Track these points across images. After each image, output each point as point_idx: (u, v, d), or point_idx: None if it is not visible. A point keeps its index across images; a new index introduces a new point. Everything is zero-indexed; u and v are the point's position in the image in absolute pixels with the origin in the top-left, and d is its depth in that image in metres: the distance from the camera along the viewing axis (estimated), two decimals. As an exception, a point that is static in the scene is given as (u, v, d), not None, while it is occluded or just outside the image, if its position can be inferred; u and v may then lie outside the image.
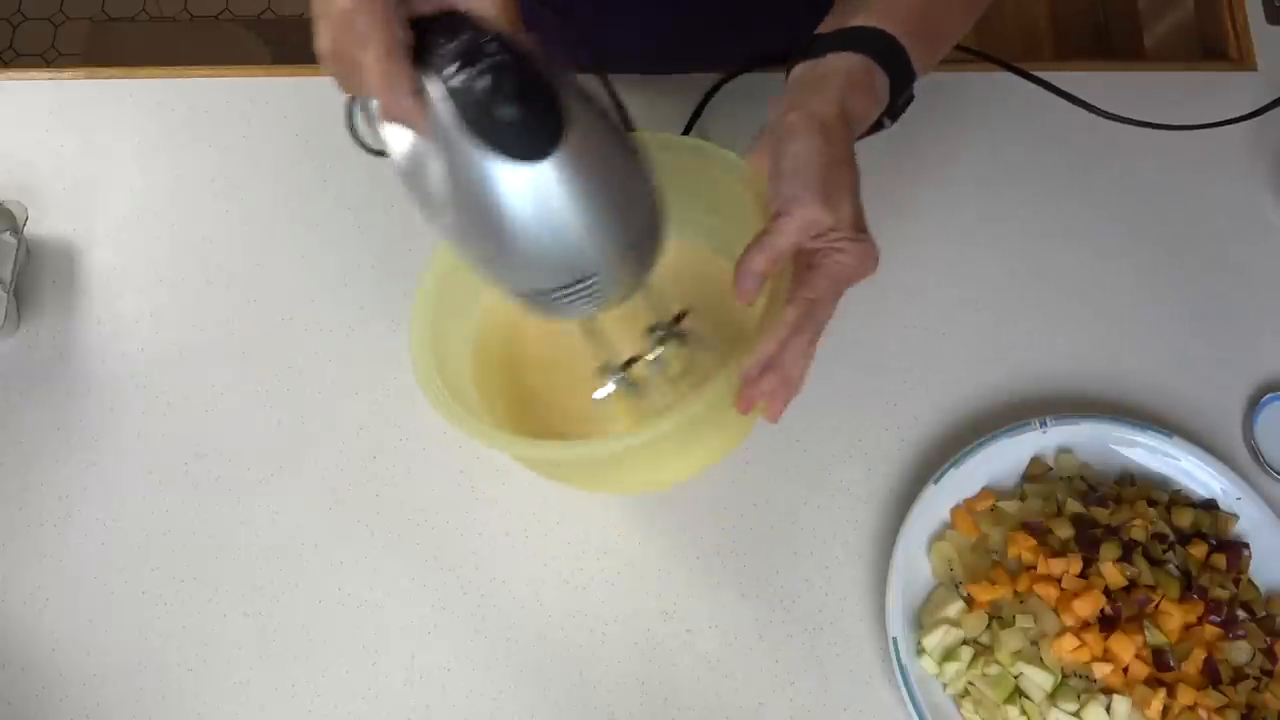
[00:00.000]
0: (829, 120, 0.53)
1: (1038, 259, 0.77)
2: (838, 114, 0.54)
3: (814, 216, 0.51)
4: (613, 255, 0.43)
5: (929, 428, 0.72)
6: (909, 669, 0.63)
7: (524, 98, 0.39)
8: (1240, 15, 0.85)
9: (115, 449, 0.71)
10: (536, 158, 0.40)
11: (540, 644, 0.67)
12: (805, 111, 0.53)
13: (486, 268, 0.45)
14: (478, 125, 0.39)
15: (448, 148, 0.41)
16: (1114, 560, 0.63)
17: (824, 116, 0.53)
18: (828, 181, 0.52)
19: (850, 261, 0.52)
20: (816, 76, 0.55)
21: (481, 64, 0.39)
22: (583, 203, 0.41)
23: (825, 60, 0.56)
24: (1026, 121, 0.81)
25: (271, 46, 1.88)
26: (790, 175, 0.52)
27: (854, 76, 0.55)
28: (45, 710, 0.65)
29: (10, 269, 0.72)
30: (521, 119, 0.39)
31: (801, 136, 0.52)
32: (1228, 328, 0.76)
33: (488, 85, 0.39)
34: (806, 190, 0.51)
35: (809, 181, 0.51)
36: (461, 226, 0.43)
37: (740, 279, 0.52)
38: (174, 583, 0.68)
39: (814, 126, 0.53)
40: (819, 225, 0.51)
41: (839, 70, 0.55)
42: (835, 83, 0.55)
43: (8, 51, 1.88)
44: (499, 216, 0.41)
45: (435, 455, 0.71)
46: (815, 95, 0.54)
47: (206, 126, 0.80)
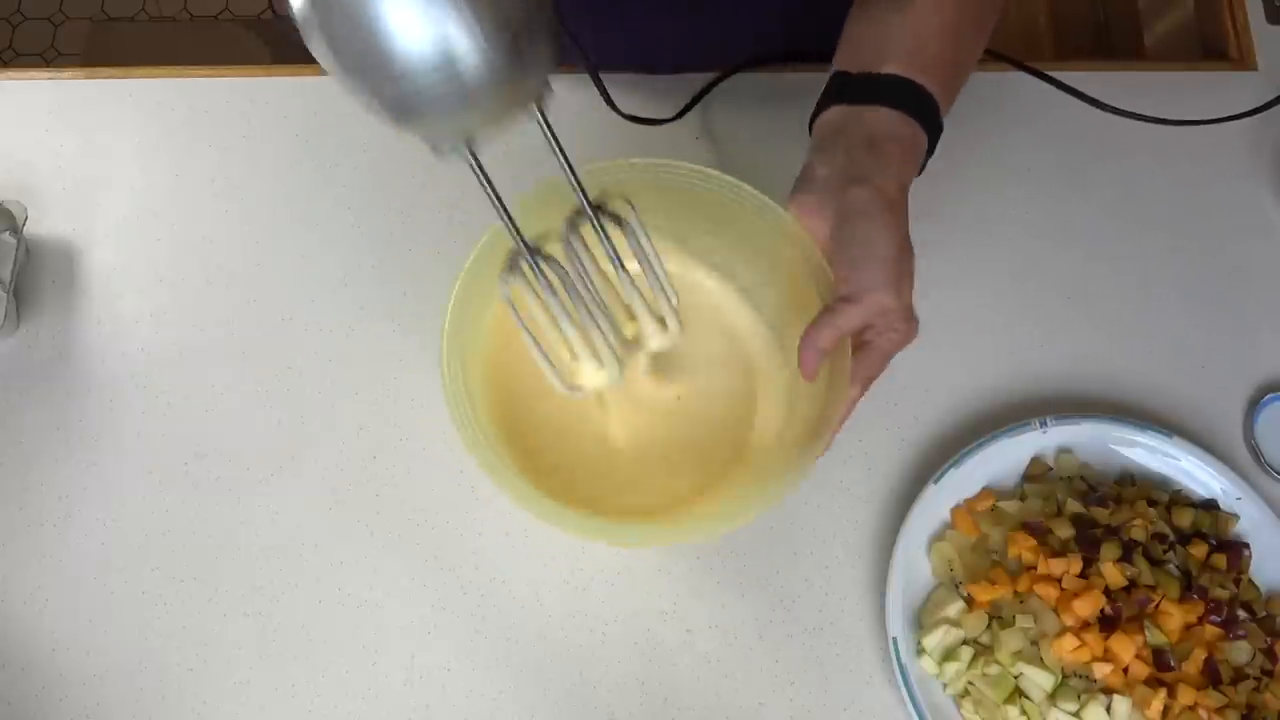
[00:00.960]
0: (897, 203, 0.56)
1: (1038, 259, 0.77)
2: (901, 193, 0.56)
3: (887, 305, 0.54)
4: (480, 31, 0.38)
5: (929, 428, 0.72)
6: (909, 669, 0.63)
7: None
8: (1240, 15, 0.85)
9: (115, 449, 0.71)
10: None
11: (540, 644, 0.67)
12: (874, 189, 0.55)
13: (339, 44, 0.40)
14: None
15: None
16: (1114, 560, 0.63)
17: (893, 198, 0.55)
18: (898, 272, 0.55)
19: (900, 340, 0.56)
20: (865, 138, 0.56)
21: None
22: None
23: (868, 114, 0.57)
24: (1026, 122, 0.81)
25: (271, 46, 1.88)
26: (865, 263, 0.54)
27: (905, 144, 0.57)
28: (45, 710, 0.65)
29: (10, 269, 0.72)
30: None
31: (876, 222, 0.54)
32: (1228, 328, 0.76)
33: None
34: (881, 280, 0.54)
35: (883, 272, 0.54)
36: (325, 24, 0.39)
37: (805, 355, 0.55)
38: (174, 583, 0.68)
39: (887, 210, 0.55)
40: (888, 314, 0.55)
41: (892, 137, 0.57)
42: (895, 153, 0.56)
43: (8, 51, 1.88)
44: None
45: (435, 455, 0.71)
46: (876, 167, 0.56)
47: (206, 126, 0.80)
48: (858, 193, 0.55)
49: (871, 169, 0.55)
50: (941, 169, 0.79)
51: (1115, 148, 0.80)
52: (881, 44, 0.59)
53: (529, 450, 0.63)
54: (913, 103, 0.57)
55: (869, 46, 0.60)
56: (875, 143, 0.56)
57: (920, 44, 0.59)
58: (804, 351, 0.56)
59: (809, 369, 0.56)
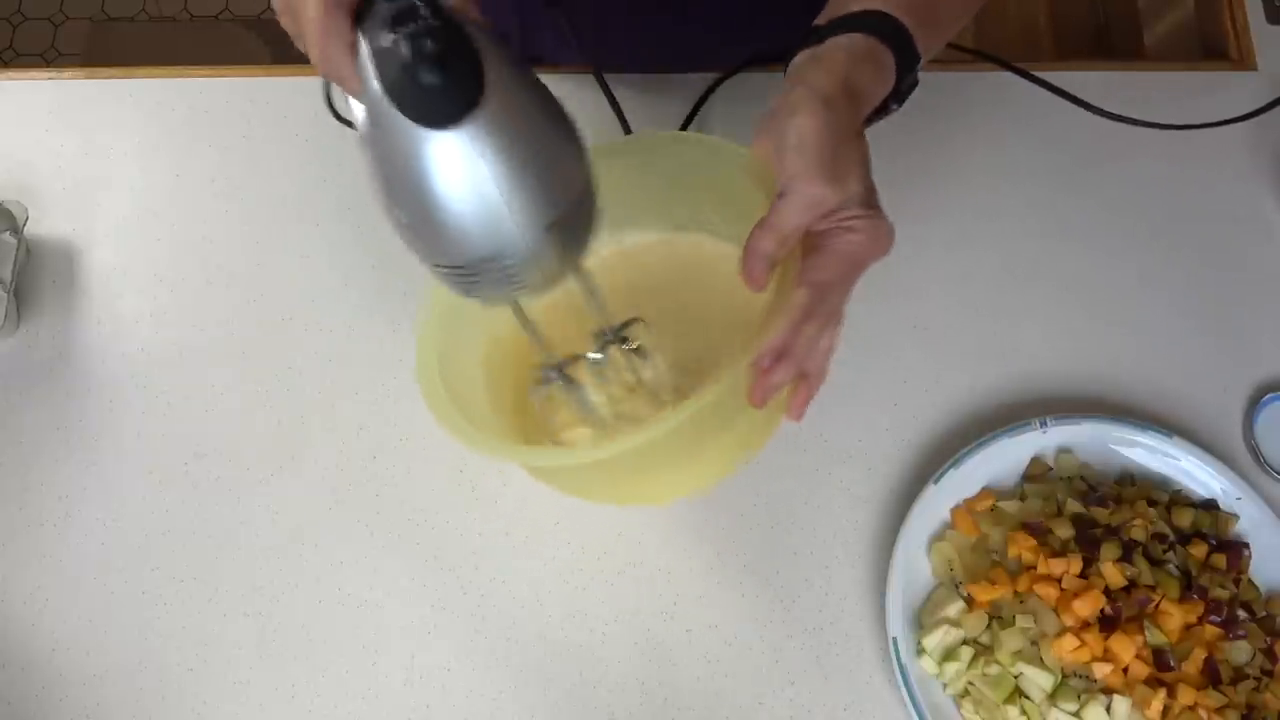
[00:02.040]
0: (832, 93, 0.50)
1: (1038, 259, 0.77)
2: (841, 87, 0.51)
3: (819, 193, 0.48)
4: (530, 232, 0.42)
5: (929, 428, 0.72)
6: (909, 669, 0.63)
7: (440, 62, 0.39)
8: (1240, 15, 0.85)
9: (115, 449, 0.71)
10: (449, 124, 0.39)
11: (540, 644, 0.67)
12: (806, 86, 0.50)
13: (408, 237, 0.44)
14: (395, 87, 0.39)
15: (373, 110, 0.41)
16: (1114, 560, 0.63)
17: (827, 89, 0.50)
18: (834, 157, 0.49)
19: (862, 240, 0.50)
20: (817, 58, 0.53)
21: (408, 27, 0.38)
22: (497, 174, 0.40)
23: (826, 44, 0.53)
24: (1026, 122, 0.81)
25: (271, 46, 1.88)
26: (792, 152, 0.49)
27: (857, 53, 0.52)
28: (45, 710, 0.65)
29: (10, 269, 0.72)
30: (437, 84, 0.39)
31: (803, 111, 0.49)
32: (1228, 328, 0.76)
33: (408, 48, 0.38)
34: (810, 167, 0.48)
35: (813, 158, 0.48)
36: (386, 192, 0.43)
37: (747, 264, 0.50)
38: (174, 583, 0.68)
39: (816, 100, 0.49)
40: (825, 203, 0.49)
41: (841, 47, 0.52)
42: (838, 59, 0.52)
43: (8, 51, 1.88)
44: (416, 183, 0.41)
45: (435, 455, 0.71)
46: (813, 71, 0.51)
47: (206, 126, 0.80)
48: (788, 94, 0.50)
49: (809, 73, 0.51)
50: (941, 169, 0.80)
51: (1115, 148, 0.80)
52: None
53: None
54: (879, 29, 0.53)
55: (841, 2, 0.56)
56: (819, 56, 0.52)
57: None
58: (744, 261, 0.50)
59: (754, 278, 0.50)
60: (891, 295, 0.75)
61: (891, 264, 0.77)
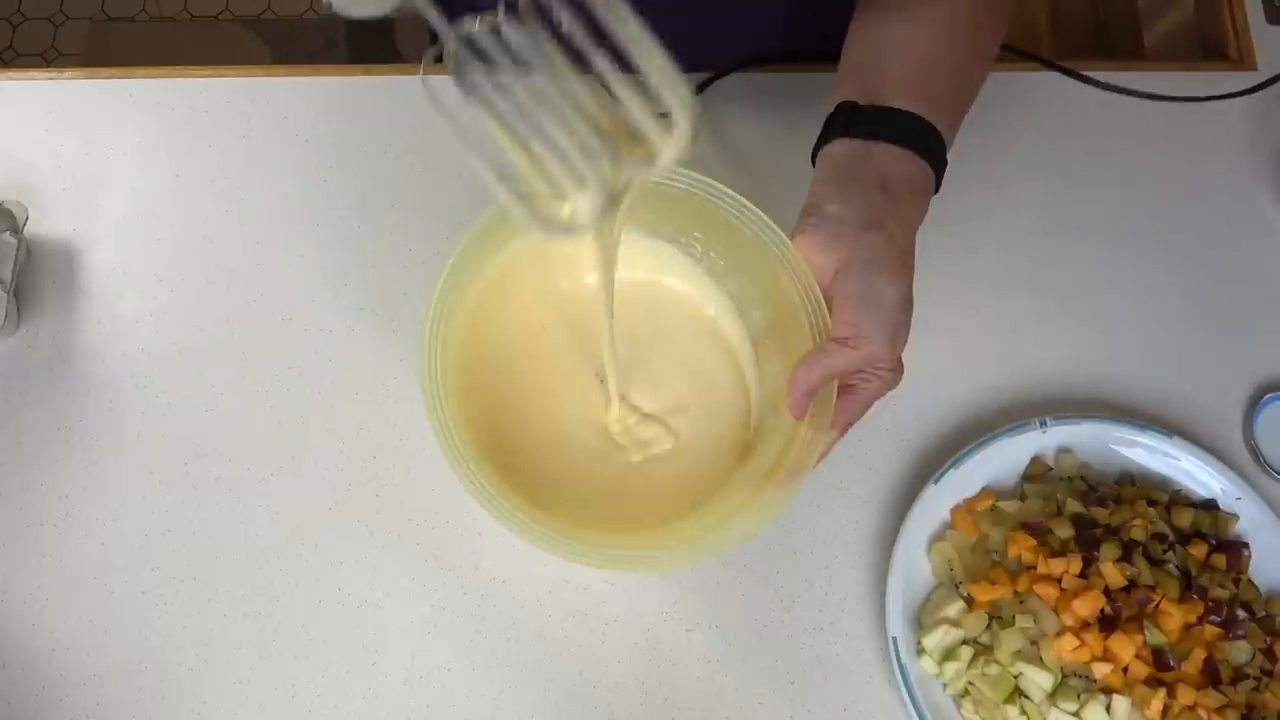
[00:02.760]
0: (907, 253, 0.55)
1: (1038, 259, 0.77)
2: (911, 242, 0.56)
3: (881, 355, 0.54)
4: None
5: (929, 428, 0.72)
6: (909, 669, 0.63)
7: None
8: (1240, 15, 0.85)
9: (115, 449, 0.71)
10: None
11: (540, 644, 0.67)
12: (888, 236, 0.54)
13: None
14: None
15: None
16: (1114, 560, 0.63)
17: (905, 247, 0.55)
18: (898, 325, 0.54)
19: (884, 387, 0.56)
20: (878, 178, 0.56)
21: None
22: None
23: (877, 151, 0.56)
24: (1025, 122, 0.81)
25: (271, 46, 1.88)
26: (870, 314, 0.54)
27: (916, 188, 0.56)
28: (45, 710, 0.65)
29: (10, 269, 0.72)
30: None
31: (886, 272, 0.54)
32: (1228, 328, 0.76)
33: None
34: (881, 332, 0.54)
35: (886, 324, 0.54)
36: None
37: (794, 393, 0.56)
38: (174, 583, 0.68)
39: (899, 262, 0.54)
40: (880, 363, 0.55)
41: (904, 179, 0.56)
42: (907, 198, 0.56)
43: (8, 51, 1.88)
44: None
45: (435, 455, 0.70)
46: (890, 213, 0.55)
47: (206, 126, 0.80)
48: (872, 239, 0.54)
49: (887, 215, 0.55)
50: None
51: (1115, 148, 0.80)
52: (887, 72, 0.58)
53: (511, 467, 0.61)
54: (922, 140, 0.56)
55: (874, 74, 0.59)
56: (889, 186, 0.55)
57: (928, 75, 0.58)
58: (793, 389, 0.56)
59: (797, 407, 0.56)
60: (891, 295, 0.75)
61: (891, 264, 0.76)
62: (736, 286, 0.66)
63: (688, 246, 0.66)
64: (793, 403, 0.56)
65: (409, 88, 0.81)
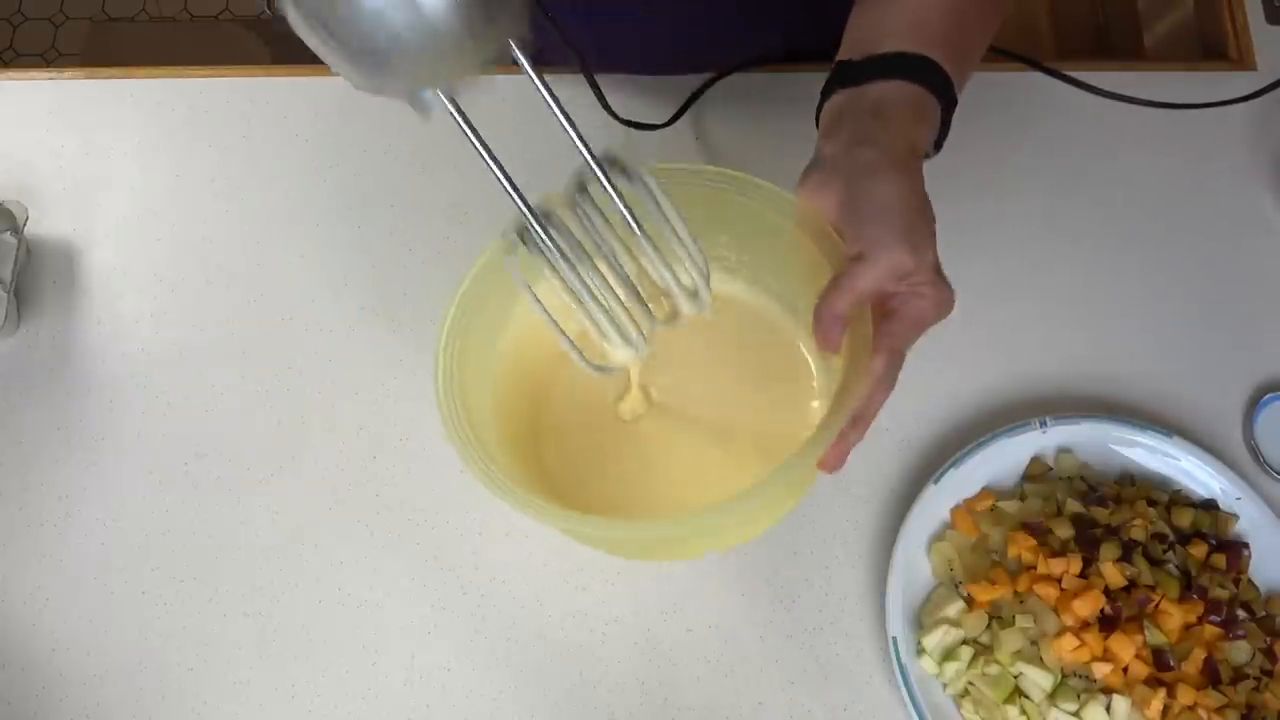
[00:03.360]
0: (907, 158, 0.51)
1: (1038, 259, 0.77)
2: (911, 150, 0.52)
3: (900, 261, 0.49)
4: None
5: (929, 428, 0.72)
6: (909, 669, 0.63)
7: None
8: (1240, 15, 0.85)
9: (115, 449, 0.71)
10: None
11: (540, 644, 0.67)
12: (880, 148, 0.51)
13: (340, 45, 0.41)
14: None
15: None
16: (1114, 560, 0.63)
17: (901, 154, 0.51)
18: (913, 225, 0.50)
19: (930, 306, 0.51)
20: (870, 106, 0.53)
21: None
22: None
23: (872, 88, 0.53)
24: (1026, 124, 0.81)
25: (271, 46, 1.88)
26: (873, 217, 0.50)
27: (913, 107, 0.53)
28: (45, 710, 0.65)
29: (10, 269, 0.72)
30: None
31: (883, 176, 0.50)
32: (1228, 328, 0.76)
33: None
34: (892, 233, 0.49)
35: (894, 225, 0.49)
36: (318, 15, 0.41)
37: (822, 324, 0.50)
38: (174, 583, 0.68)
39: (894, 165, 0.51)
40: (904, 270, 0.50)
41: (898, 101, 0.53)
42: (901, 115, 0.52)
43: (8, 51, 1.88)
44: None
45: (435, 455, 0.71)
46: (882, 129, 0.52)
47: (206, 126, 0.80)
48: (861, 153, 0.51)
49: (876, 131, 0.52)
50: (940, 170, 0.80)
51: (1115, 149, 0.80)
52: (880, 27, 0.56)
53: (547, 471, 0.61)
54: (918, 71, 0.54)
55: (868, 32, 0.57)
56: (880, 110, 0.53)
57: (921, 21, 0.56)
58: (819, 322, 0.50)
59: (829, 339, 0.50)
60: (891, 295, 0.75)
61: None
62: (775, 282, 0.63)
63: (722, 260, 0.63)
64: (822, 336, 0.50)
65: (409, 88, 0.81)
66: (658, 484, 0.62)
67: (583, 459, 0.63)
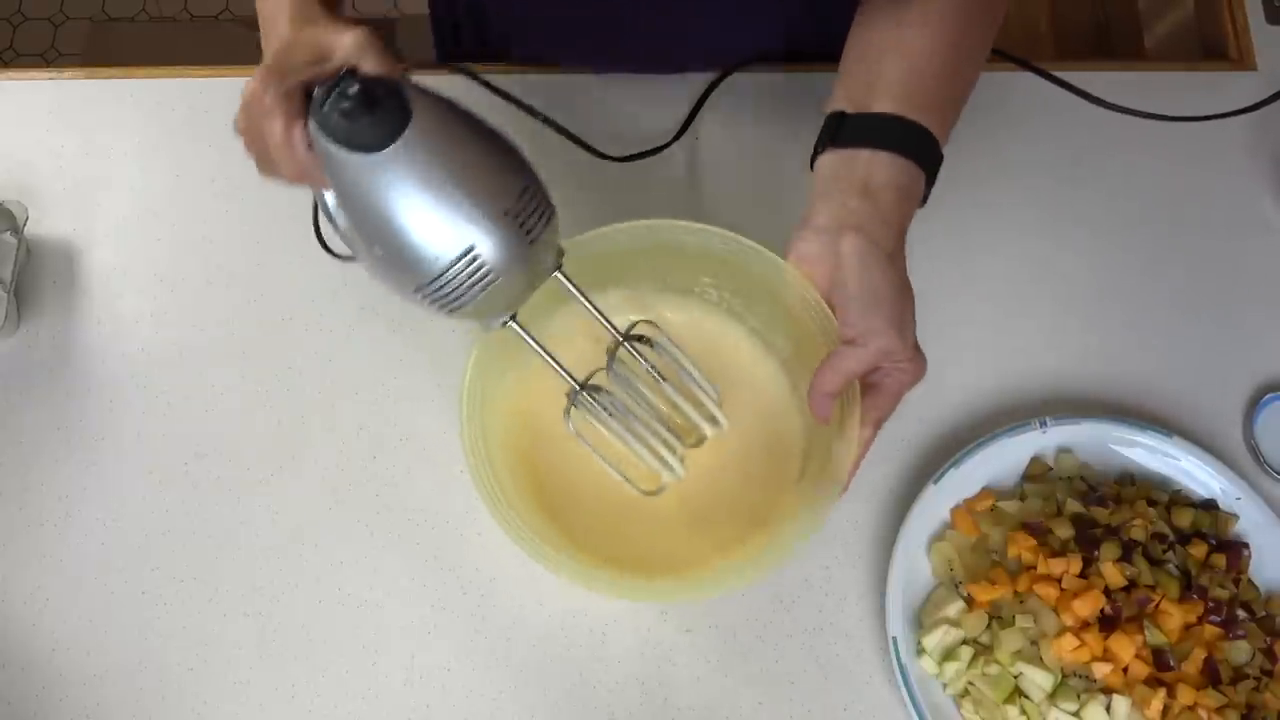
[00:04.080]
0: (895, 249, 0.57)
1: (1037, 259, 0.77)
2: (899, 238, 0.58)
3: (890, 348, 0.56)
4: (485, 222, 0.48)
5: (929, 428, 0.72)
6: (909, 669, 0.63)
7: (367, 94, 0.46)
8: (1240, 15, 0.85)
9: (115, 449, 0.71)
10: (391, 140, 0.46)
11: (540, 644, 0.67)
12: (868, 238, 0.56)
13: (386, 268, 0.50)
14: (340, 132, 0.46)
15: (335, 173, 0.48)
16: (1114, 560, 0.63)
17: (891, 247, 0.57)
18: (900, 314, 0.56)
19: (909, 380, 0.58)
20: (859, 183, 0.57)
21: (336, 90, 0.46)
22: (440, 175, 0.47)
23: (862, 158, 0.58)
24: (1026, 123, 0.81)
25: (271, 47, 1.88)
26: (865, 307, 0.56)
27: (900, 189, 0.58)
28: (45, 710, 0.65)
29: (10, 269, 0.72)
30: (369, 113, 0.46)
31: (874, 270, 0.56)
32: (1228, 328, 0.76)
33: (340, 100, 0.46)
34: (884, 323, 0.56)
35: (886, 315, 0.56)
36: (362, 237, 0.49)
37: (816, 401, 0.58)
38: (174, 583, 0.68)
39: (883, 258, 0.56)
40: (892, 353, 0.56)
41: (887, 183, 0.57)
42: (889, 198, 0.57)
43: (8, 51, 1.88)
44: (382, 207, 0.47)
45: (435, 455, 0.71)
46: (871, 213, 0.57)
47: (206, 126, 0.80)
48: (853, 241, 0.56)
49: (866, 217, 0.57)
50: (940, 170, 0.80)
51: (1114, 149, 0.80)
52: (875, 77, 0.59)
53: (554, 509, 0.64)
54: (908, 143, 0.58)
55: (862, 80, 0.60)
56: (869, 191, 0.57)
57: (916, 76, 0.59)
58: (814, 397, 0.58)
59: (821, 412, 0.58)
60: (891, 295, 0.75)
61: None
62: (755, 320, 0.68)
63: (703, 294, 0.68)
64: (815, 408, 0.58)
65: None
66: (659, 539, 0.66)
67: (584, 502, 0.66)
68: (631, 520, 0.65)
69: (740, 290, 0.66)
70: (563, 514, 0.64)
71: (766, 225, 0.76)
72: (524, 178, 0.50)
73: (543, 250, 0.51)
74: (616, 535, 0.65)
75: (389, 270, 0.50)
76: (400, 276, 0.49)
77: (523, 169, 0.50)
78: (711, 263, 0.64)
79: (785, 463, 0.66)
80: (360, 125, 0.46)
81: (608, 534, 0.65)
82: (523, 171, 0.50)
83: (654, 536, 0.65)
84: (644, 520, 0.65)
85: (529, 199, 0.49)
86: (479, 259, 0.48)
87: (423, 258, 0.48)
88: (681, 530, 0.65)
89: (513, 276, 0.50)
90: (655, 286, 0.68)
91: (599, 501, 0.65)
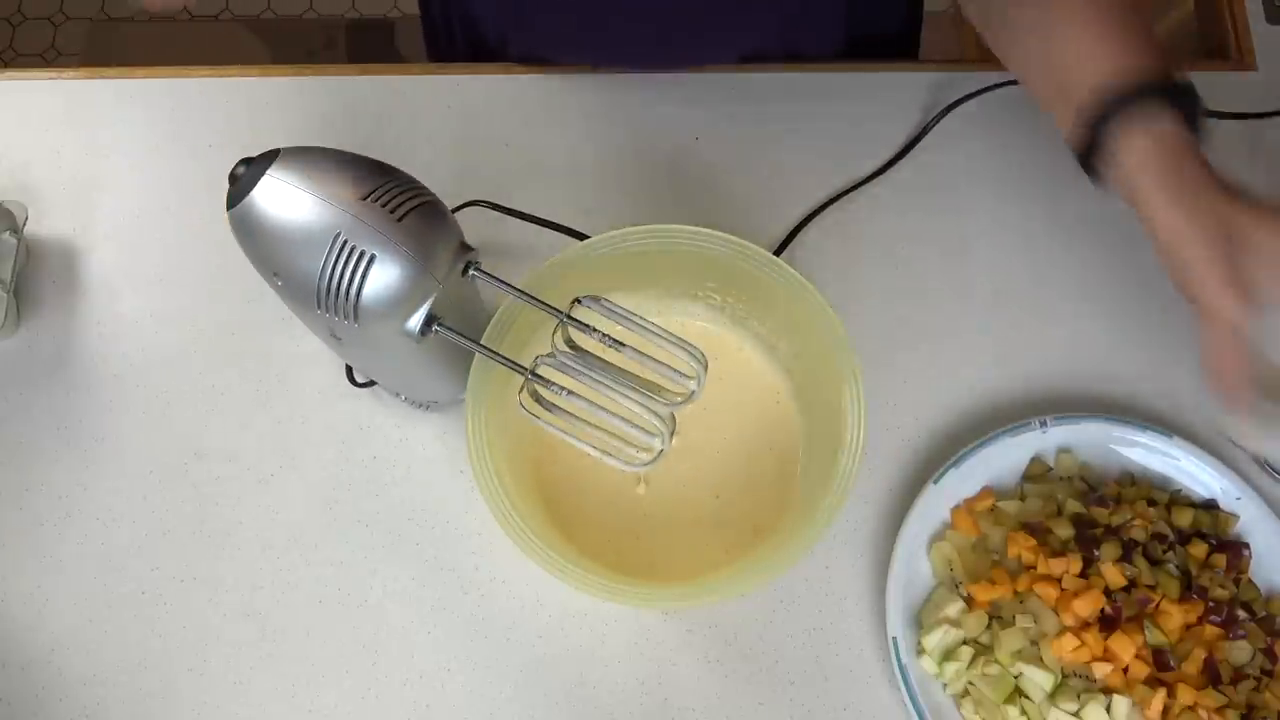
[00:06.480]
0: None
1: (1037, 259, 0.77)
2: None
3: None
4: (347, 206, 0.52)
5: (929, 427, 0.72)
6: (909, 669, 0.63)
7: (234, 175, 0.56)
8: (1240, 15, 0.85)
9: (115, 449, 0.71)
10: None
11: (540, 644, 0.67)
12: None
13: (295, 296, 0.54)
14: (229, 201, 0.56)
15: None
16: (1114, 560, 0.63)
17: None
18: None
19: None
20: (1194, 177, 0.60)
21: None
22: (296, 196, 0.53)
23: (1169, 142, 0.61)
24: (1025, 121, 0.81)
25: (271, 46, 1.88)
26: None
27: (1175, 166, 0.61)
28: (45, 710, 0.65)
29: (10, 269, 0.72)
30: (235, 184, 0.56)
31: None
32: (1228, 328, 0.76)
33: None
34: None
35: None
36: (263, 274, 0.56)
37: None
38: (174, 583, 0.68)
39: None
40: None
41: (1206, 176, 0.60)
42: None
43: (8, 51, 1.88)
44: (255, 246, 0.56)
45: (435, 455, 0.71)
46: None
47: (206, 126, 0.80)
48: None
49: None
50: (939, 170, 0.80)
51: (1115, 148, 0.80)
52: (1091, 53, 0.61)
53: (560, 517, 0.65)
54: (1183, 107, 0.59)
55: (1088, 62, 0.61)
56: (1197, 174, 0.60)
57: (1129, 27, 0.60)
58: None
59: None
60: (891, 296, 0.75)
61: (891, 264, 0.77)
62: (759, 324, 0.68)
63: (707, 298, 0.68)
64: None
65: (409, 88, 0.80)
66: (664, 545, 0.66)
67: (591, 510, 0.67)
68: (638, 526, 0.66)
69: (744, 294, 0.66)
70: (570, 522, 0.65)
71: (767, 226, 0.76)
72: (389, 176, 0.53)
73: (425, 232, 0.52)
74: (623, 541, 0.65)
75: (295, 296, 0.53)
76: (304, 298, 0.52)
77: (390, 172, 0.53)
78: (713, 266, 0.64)
79: (789, 468, 0.67)
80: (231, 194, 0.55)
81: (613, 540, 0.65)
82: (388, 172, 0.53)
83: (659, 542, 0.66)
84: (650, 526, 0.66)
85: (392, 188, 0.52)
86: (348, 242, 0.50)
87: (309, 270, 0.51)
88: (687, 536, 0.66)
89: (393, 254, 0.51)
90: (659, 292, 0.68)
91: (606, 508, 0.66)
